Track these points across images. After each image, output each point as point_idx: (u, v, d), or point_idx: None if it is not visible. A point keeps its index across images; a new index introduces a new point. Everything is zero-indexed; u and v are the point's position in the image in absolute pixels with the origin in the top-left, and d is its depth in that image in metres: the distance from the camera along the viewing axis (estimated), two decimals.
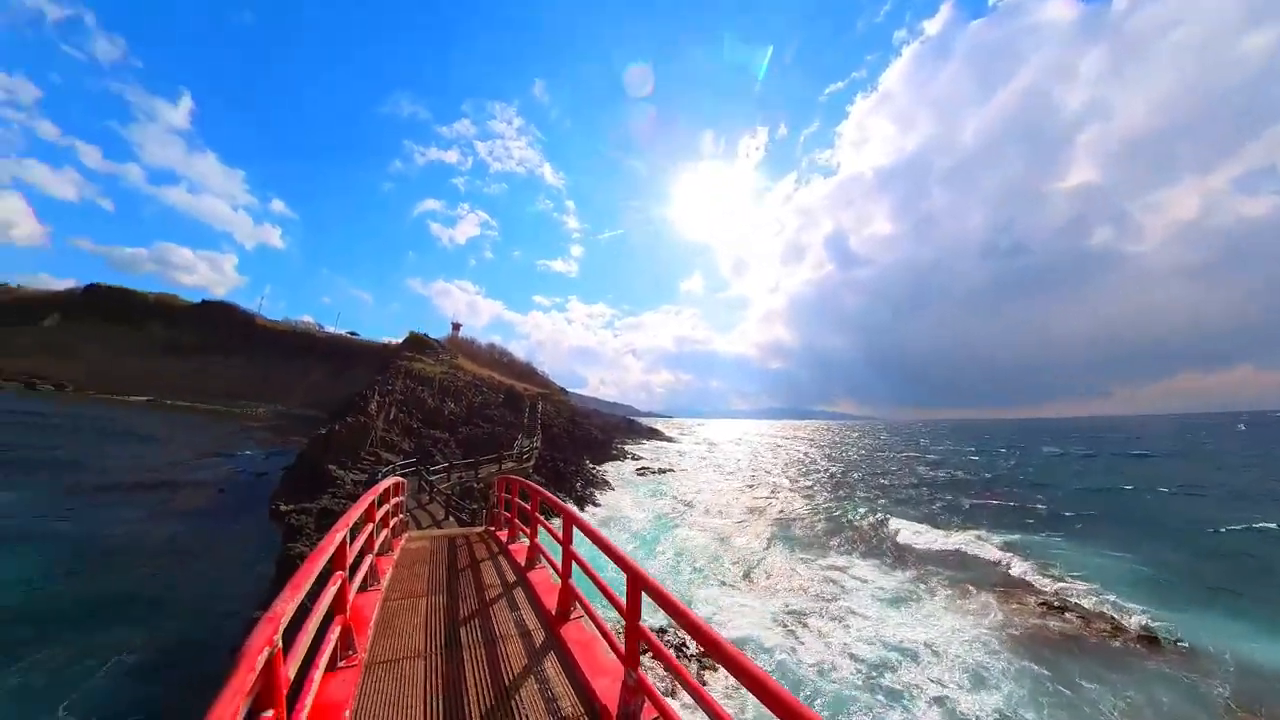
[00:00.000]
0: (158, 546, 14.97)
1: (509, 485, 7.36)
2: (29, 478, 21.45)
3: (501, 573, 5.62)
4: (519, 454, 23.67)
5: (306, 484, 19.80)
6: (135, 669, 8.76)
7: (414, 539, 7.25)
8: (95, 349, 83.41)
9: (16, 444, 27.73)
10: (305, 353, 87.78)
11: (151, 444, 33.44)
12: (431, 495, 13.19)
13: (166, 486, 22.28)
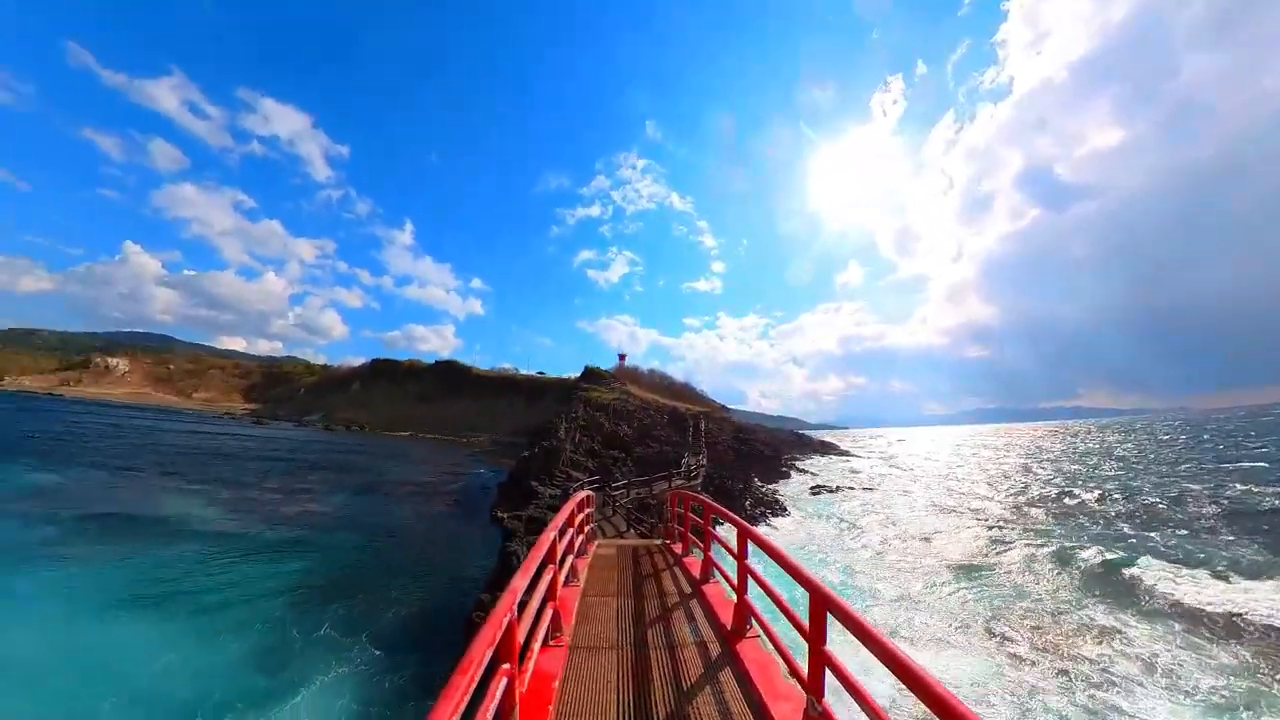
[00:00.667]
0: (419, 534, 20.02)
1: (681, 500, 7.71)
2: (350, 483, 30.67)
3: (678, 583, 5.90)
4: (687, 471, 24.39)
5: (517, 496, 23.79)
6: (409, 617, 12.03)
7: (603, 545, 8.13)
8: (379, 401, 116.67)
9: (344, 464, 40.19)
10: (508, 392, 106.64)
11: (413, 463, 44.61)
12: (614, 508, 14.54)
13: (423, 493, 29.37)
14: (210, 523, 19.71)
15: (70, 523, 17.89)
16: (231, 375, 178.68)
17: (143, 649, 9.94)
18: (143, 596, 12.31)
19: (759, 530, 16.89)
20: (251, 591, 13.23)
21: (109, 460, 31.67)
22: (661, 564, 6.88)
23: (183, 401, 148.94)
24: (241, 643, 10.42)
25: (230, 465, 34.60)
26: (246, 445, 50.35)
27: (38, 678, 8.77)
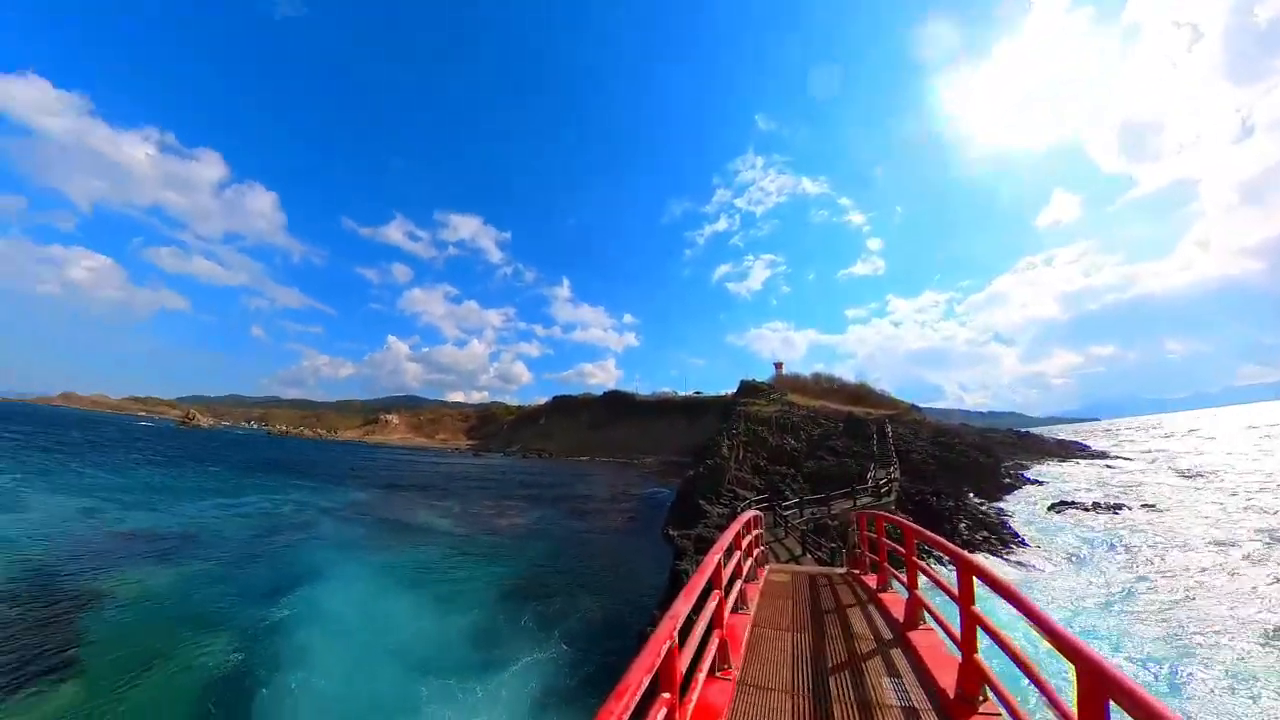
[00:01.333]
0: (600, 548, 21.57)
1: (872, 522, 6.50)
2: (543, 500, 34.93)
3: (873, 625, 4.79)
4: (875, 487, 21.17)
5: (685, 514, 23.88)
6: (592, 621, 12.93)
7: (775, 571, 7.32)
8: (559, 431, 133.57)
9: (538, 484, 46.34)
10: (668, 413, 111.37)
11: (592, 484, 48.89)
12: (786, 530, 13.31)
13: (602, 511, 31.70)
14: (446, 529, 24.65)
15: (371, 525, 24.54)
16: (457, 420, 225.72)
17: (406, 616, 13.19)
18: (406, 579, 16.21)
19: (985, 564, 13.46)
20: (471, 583, 16.21)
21: (391, 483, 42.42)
22: (848, 598, 5.80)
23: (430, 442, 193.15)
24: (464, 621, 12.94)
25: (459, 486, 43.04)
26: (468, 471, 62.28)
27: (351, 629, 12.19)
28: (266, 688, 9.18)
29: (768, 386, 64.62)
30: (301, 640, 10.95)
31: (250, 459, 56.73)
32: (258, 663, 10.06)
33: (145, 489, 29.43)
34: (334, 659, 10.38)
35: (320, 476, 44.59)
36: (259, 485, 35.22)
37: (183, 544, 18.43)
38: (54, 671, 9.23)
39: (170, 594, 13.45)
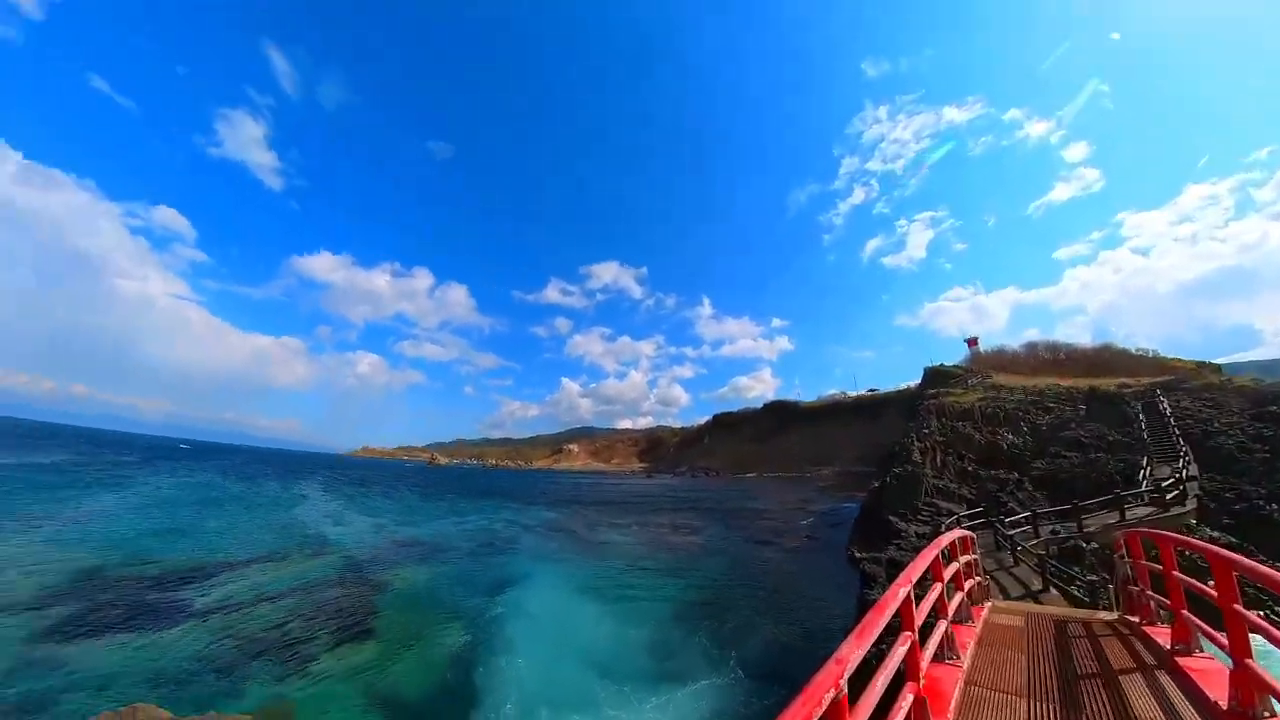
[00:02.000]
0: (775, 569, 19.96)
1: (1155, 546, 4.56)
2: (714, 519, 34.41)
3: (1169, 707, 3.14)
4: (1156, 491, 15.19)
5: (872, 534, 20.80)
6: (769, 649, 12.13)
7: (1000, 611, 5.62)
8: (723, 448, 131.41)
9: (706, 502, 46.14)
10: (839, 417, 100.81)
11: (763, 500, 46.60)
12: (1014, 555, 10.41)
13: (776, 529, 29.72)
14: (625, 545, 26.05)
15: (562, 540, 27.49)
16: (628, 445, 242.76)
17: (589, 621, 14.33)
18: (591, 589, 17.49)
19: None
20: (648, 597, 16.58)
21: (576, 504, 47.27)
22: (1122, 658, 3.97)
23: (607, 466, 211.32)
24: (641, 632, 13.32)
25: (635, 505, 45.56)
26: (642, 491, 65.73)
27: (546, 627, 13.73)
28: (484, 665, 11.35)
29: (963, 370, 53.41)
30: (510, 631, 13.14)
31: (472, 487, 70.07)
32: (480, 644, 12.50)
33: (409, 510, 38.48)
34: (533, 650, 12.17)
35: (521, 499, 52.22)
36: (479, 508, 42.85)
37: (432, 550, 23.34)
38: (359, 634, 12.86)
39: (426, 587, 17.37)
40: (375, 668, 11.13)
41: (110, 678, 9.81)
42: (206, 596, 14.57)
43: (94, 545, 18.82)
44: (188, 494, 35.72)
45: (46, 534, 20.00)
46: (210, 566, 17.59)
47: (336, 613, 14.03)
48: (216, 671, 10.43)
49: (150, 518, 25.41)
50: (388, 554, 21.97)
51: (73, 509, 25.71)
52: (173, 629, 12.15)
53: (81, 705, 8.73)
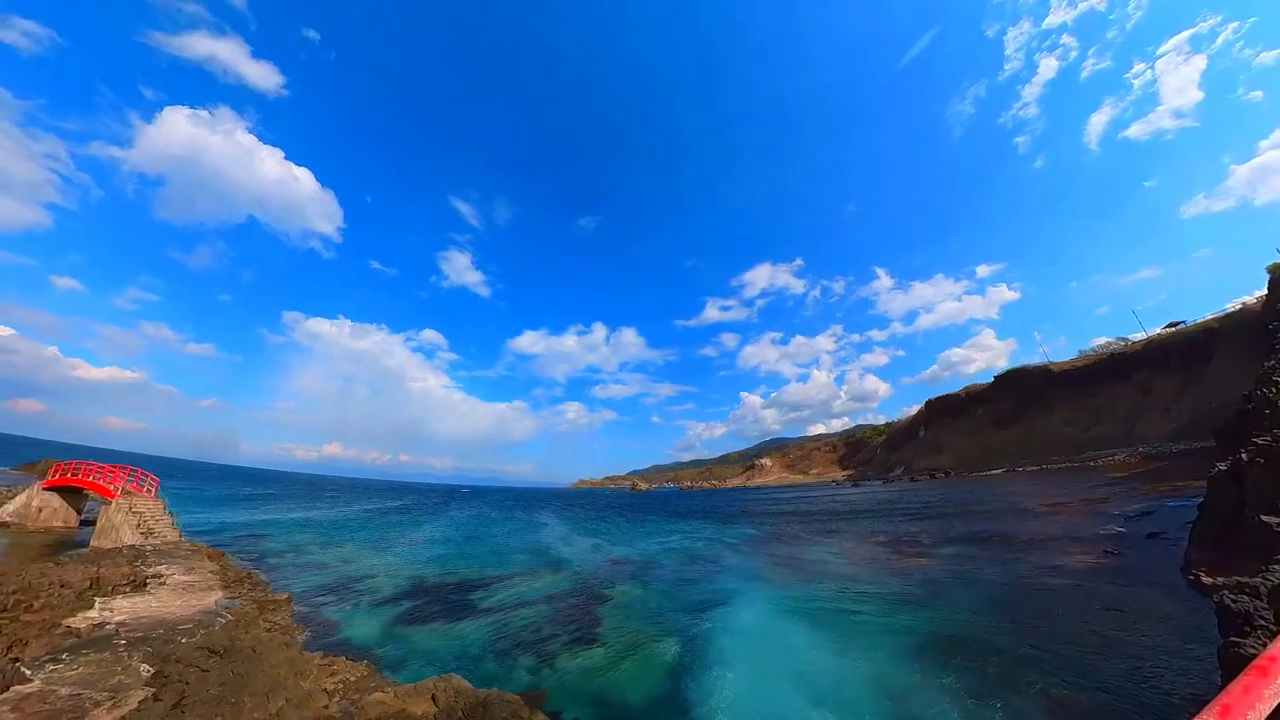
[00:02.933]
0: (1056, 602, 14.97)
1: None
2: (952, 533, 28.35)
3: None
4: None
5: (1232, 544, 14.20)
6: (1054, 707, 8.91)
7: None
8: (950, 440, 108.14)
9: (939, 511, 38.47)
10: (1127, 374, 73.74)
11: (1022, 504, 36.42)
12: None
13: (1048, 545, 22.69)
14: (836, 565, 23.49)
15: (765, 557, 26.49)
16: (825, 452, 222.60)
17: (801, 644, 13.41)
18: (801, 610, 16.33)
19: None
20: (871, 626, 14.57)
21: (776, 520, 45.13)
22: None
23: (804, 478, 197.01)
24: (864, 665, 11.79)
25: (843, 519, 41.05)
26: (850, 502, 58.84)
27: (755, 645, 13.31)
28: (696, 677, 11.66)
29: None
30: (719, 647, 13.24)
31: (671, 509, 73.54)
32: (691, 657, 12.92)
33: (619, 532, 42.48)
34: (743, 667, 12.02)
35: (719, 518, 52.43)
36: (679, 528, 44.60)
37: (642, 568, 25.15)
38: (589, 640, 14.52)
39: (640, 601, 18.79)
40: (604, 670, 12.51)
41: (431, 653, 13.42)
42: (487, 600, 18.60)
43: (421, 560, 26.15)
44: (472, 523, 46.74)
45: (399, 552, 28.61)
46: (488, 577, 22.47)
47: (571, 620, 16.24)
48: (495, 656, 13.22)
49: (450, 541, 34.01)
50: (605, 571, 24.55)
51: (411, 534, 36.27)
52: (467, 623, 15.87)
53: (419, 668, 12.21)
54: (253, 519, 40.64)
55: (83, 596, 12.01)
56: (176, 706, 7.48)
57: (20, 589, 11.75)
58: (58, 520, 25.00)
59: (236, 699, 7.81)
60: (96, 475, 24.76)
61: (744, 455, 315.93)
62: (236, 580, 15.73)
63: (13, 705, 7.22)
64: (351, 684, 8.95)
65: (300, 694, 8.09)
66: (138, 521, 20.58)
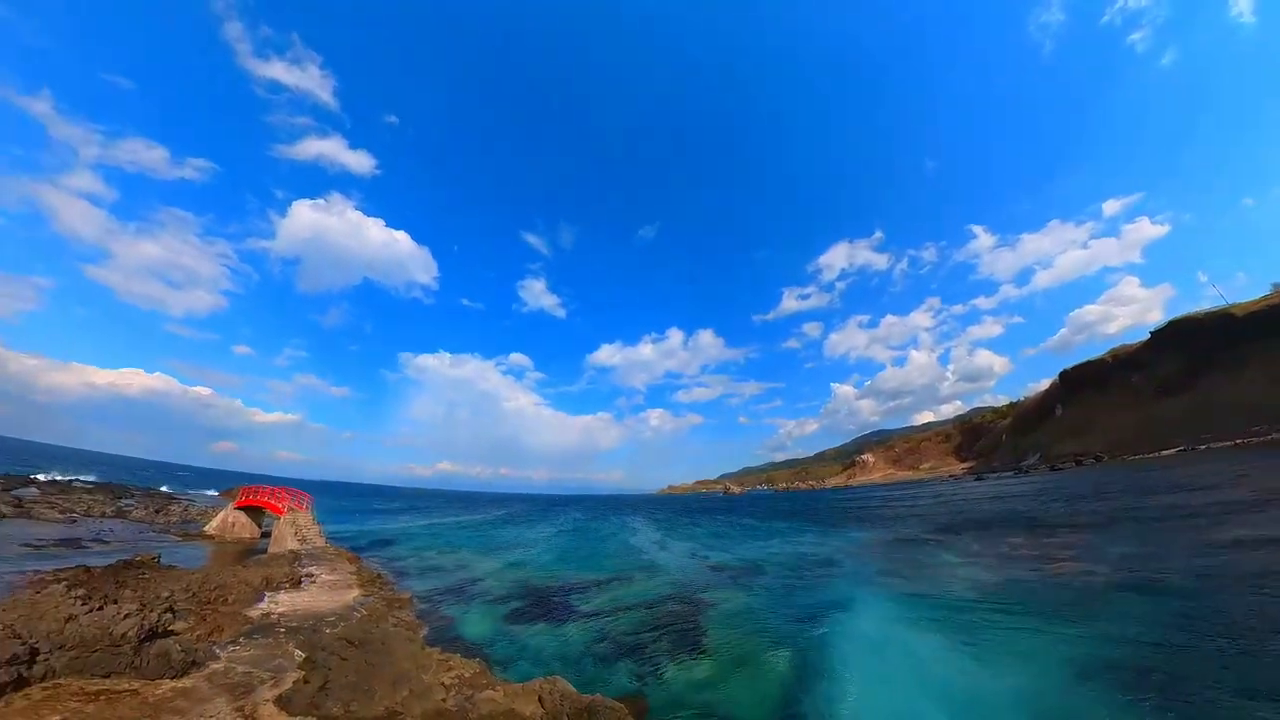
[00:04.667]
0: (1267, 624, 11.39)
1: None
2: (1117, 533, 23.48)
3: None
4: None
5: None
6: None
7: None
8: (1097, 417, 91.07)
9: (1092, 505, 32.25)
10: None
11: (1214, 495, 29.22)
12: None
13: (1258, 547, 17.76)
14: (966, 570, 20.55)
15: (880, 561, 23.91)
16: (937, 443, 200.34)
17: (933, 655, 11.84)
18: (929, 619, 14.47)
19: None
20: (1017, 641, 12.51)
21: (888, 521, 41.14)
22: None
23: (915, 473, 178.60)
24: (1020, 681, 10.15)
25: (968, 518, 36.19)
26: (974, 499, 51.83)
27: (878, 653, 12.17)
28: (812, 692, 10.79)
29: None
30: (838, 656, 12.31)
31: (768, 511, 70.52)
32: (805, 669, 11.98)
33: (715, 537, 41.43)
34: (866, 678, 11.03)
35: (821, 520, 49.10)
36: (779, 531, 42.44)
37: (743, 574, 24.13)
38: (694, 649, 13.99)
39: (745, 609, 17.83)
40: (711, 681, 11.92)
41: (537, 652, 13.87)
42: (587, 604, 18.98)
43: (525, 564, 27.60)
44: (569, 530, 48.68)
45: (505, 557, 30.51)
46: (587, 581, 23.02)
47: (673, 626, 15.91)
48: (596, 659, 13.30)
49: (550, 547, 35.60)
50: (704, 577, 23.93)
51: (515, 541, 38.60)
52: (568, 625, 16.26)
53: (526, 668, 12.64)
54: (383, 527, 46.07)
55: (258, 592, 14.24)
56: (322, 689, 8.41)
57: (218, 586, 14.26)
58: (246, 533, 30.29)
59: (369, 686, 8.60)
60: (270, 496, 29.78)
61: (841, 452, 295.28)
62: (369, 580, 17.71)
63: (208, 678, 8.63)
64: (466, 680, 9.46)
65: (422, 686, 8.71)
66: (297, 531, 24.17)
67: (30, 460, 70.27)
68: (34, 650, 7.82)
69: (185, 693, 8.15)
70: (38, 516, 27.33)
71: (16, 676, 7.46)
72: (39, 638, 8.03)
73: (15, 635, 7.88)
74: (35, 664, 7.72)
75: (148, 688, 8.08)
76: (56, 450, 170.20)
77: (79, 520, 28.69)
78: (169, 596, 12.54)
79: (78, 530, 25.25)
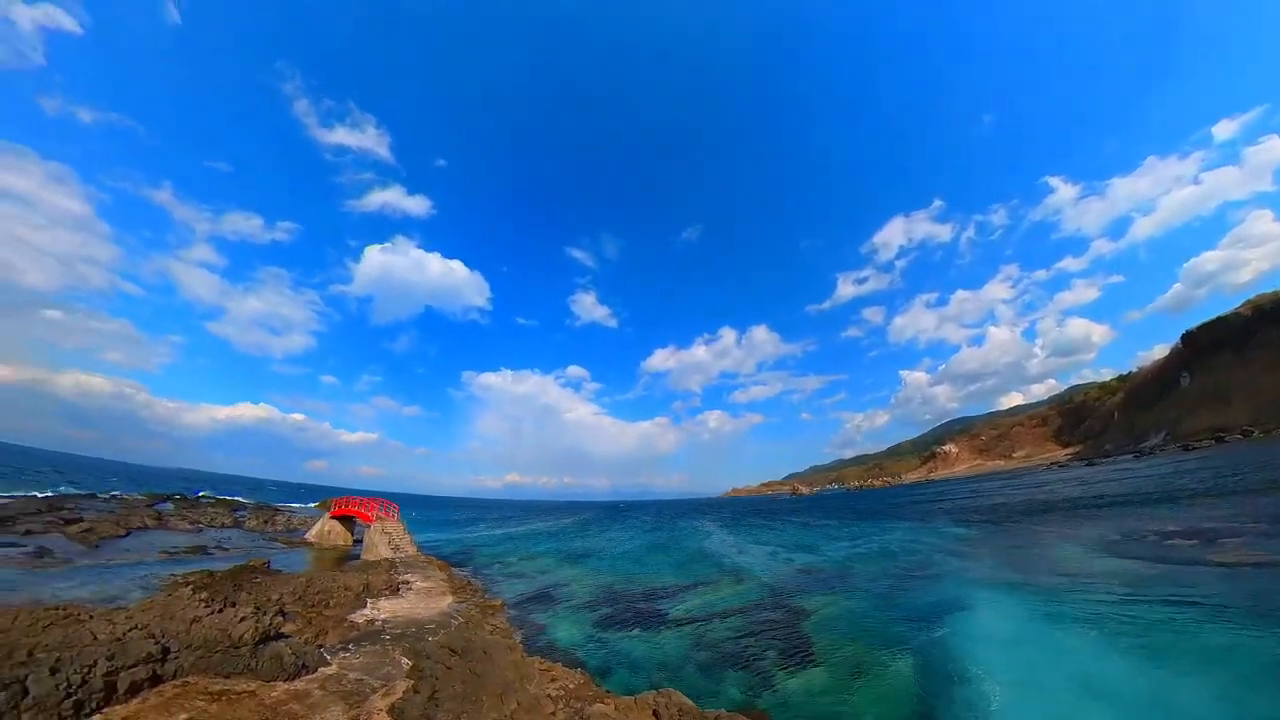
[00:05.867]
0: None
1: None
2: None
3: None
4: None
5: None
6: None
7: None
8: (1243, 382, 77.36)
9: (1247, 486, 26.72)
10: None
11: None
12: None
13: None
14: (1103, 562, 17.54)
15: (987, 557, 21.07)
16: (1032, 427, 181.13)
17: (1084, 653, 10.18)
18: (1069, 617, 12.43)
19: None
20: (1192, 638, 10.69)
21: (987, 514, 36.78)
22: None
23: (1007, 463, 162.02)
24: (1200, 684, 8.38)
25: (1091, 510, 31.41)
26: (1089, 486, 45.26)
27: (1016, 662, 10.13)
28: (950, 693, 9.76)
29: None
30: (968, 658, 11.12)
31: (845, 510, 66.28)
32: (936, 672, 10.83)
33: (795, 538, 39.07)
34: (1008, 676, 10.01)
35: (909, 517, 45.12)
36: (863, 530, 39.34)
37: (835, 576, 22.15)
38: (803, 658, 12.73)
39: (847, 613, 16.23)
40: (832, 693, 10.66)
41: (634, 661, 13.04)
42: (676, 609, 17.98)
43: (604, 569, 27.12)
44: (640, 534, 48.06)
45: (583, 563, 30.21)
46: (670, 586, 22.06)
47: (773, 633, 14.60)
48: (698, 668, 12.27)
49: (626, 552, 35.03)
50: (794, 580, 22.20)
51: (589, 546, 38.47)
52: (663, 632, 15.33)
53: (625, 677, 11.86)
54: (462, 536, 47.77)
55: (358, 598, 14.55)
56: (431, 699, 8.03)
57: (321, 590, 14.74)
58: (340, 540, 32.26)
59: (476, 697, 8.12)
60: (360, 506, 31.51)
61: (919, 444, 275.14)
62: (460, 587, 17.80)
63: (320, 683, 8.52)
64: (571, 691, 8.79)
65: (529, 699, 8.11)
66: (390, 539, 25.16)
67: (168, 483, 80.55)
68: (165, 649, 8.04)
69: (298, 696, 8.07)
70: (173, 527, 30.65)
71: (152, 674, 7.66)
72: (170, 637, 8.27)
73: (150, 635, 8.16)
74: (167, 662, 7.92)
75: (264, 689, 8.07)
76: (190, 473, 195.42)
77: (204, 529, 31.87)
78: (279, 599, 13.00)
79: (203, 538, 27.90)
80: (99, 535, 23.12)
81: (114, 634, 7.91)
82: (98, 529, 24.04)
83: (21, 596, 11.57)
